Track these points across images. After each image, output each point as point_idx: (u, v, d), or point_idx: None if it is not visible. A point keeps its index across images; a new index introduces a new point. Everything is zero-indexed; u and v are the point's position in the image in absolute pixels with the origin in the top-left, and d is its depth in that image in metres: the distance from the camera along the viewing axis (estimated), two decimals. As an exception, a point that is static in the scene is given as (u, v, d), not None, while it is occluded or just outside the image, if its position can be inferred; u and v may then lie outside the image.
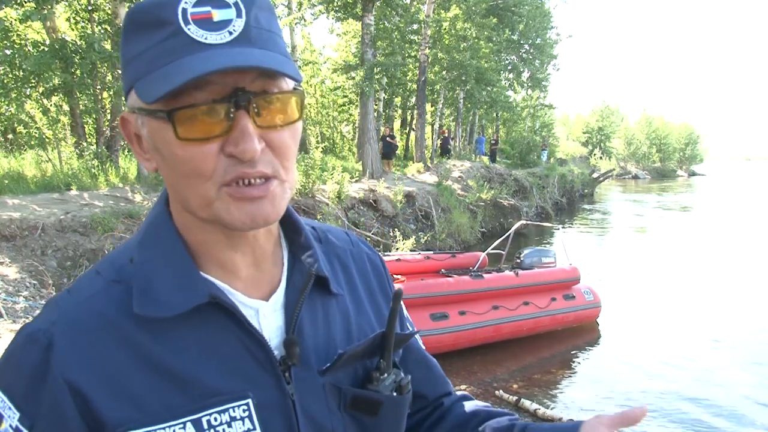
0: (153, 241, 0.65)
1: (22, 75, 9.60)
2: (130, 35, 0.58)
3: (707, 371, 6.66)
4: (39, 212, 7.12)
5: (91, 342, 0.59)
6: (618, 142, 60.39)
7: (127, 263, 0.64)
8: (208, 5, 0.56)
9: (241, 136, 0.56)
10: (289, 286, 0.69)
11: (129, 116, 0.62)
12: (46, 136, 11.10)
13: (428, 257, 8.51)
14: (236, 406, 0.61)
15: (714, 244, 15.30)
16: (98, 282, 0.63)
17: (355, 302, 0.76)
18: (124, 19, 0.59)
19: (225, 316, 0.62)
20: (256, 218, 0.59)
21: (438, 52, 18.94)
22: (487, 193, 16.33)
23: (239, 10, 0.57)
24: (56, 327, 0.59)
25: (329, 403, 0.67)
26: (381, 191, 12.56)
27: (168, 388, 0.59)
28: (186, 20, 0.55)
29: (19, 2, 8.72)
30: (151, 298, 0.61)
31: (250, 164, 0.57)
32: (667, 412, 5.69)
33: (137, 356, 0.59)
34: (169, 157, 0.58)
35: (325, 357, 0.68)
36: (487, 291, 7.09)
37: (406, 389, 0.73)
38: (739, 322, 8.32)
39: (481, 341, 6.93)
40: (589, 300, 7.99)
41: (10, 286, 5.50)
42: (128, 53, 0.59)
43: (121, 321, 0.60)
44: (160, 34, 0.56)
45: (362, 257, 0.82)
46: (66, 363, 0.57)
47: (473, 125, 29.58)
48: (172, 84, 0.53)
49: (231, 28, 0.56)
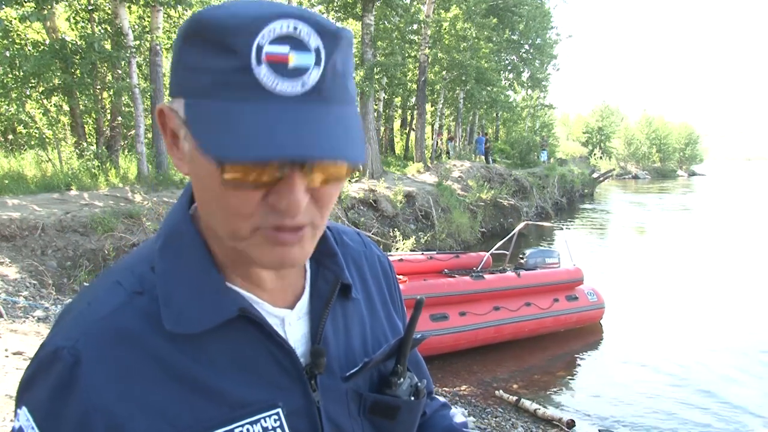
0: (176, 248, 0.62)
1: (22, 75, 9.59)
2: (193, 44, 0.52)
3: (710, 373, 6.65)
4: (39, 212, 7.11)
5: (118, 359, 0.56)
6: (618, 142, 60.36)
7: (149, 272, 0.61)
8: (287, 45, 0.50)
9: (289, 192, 0.52)
10: (313, 293, 0.69)
11: (170, 113, 0.56)
12: (46, 136, 11.09)
13: (431, 257, 8.47)
14: (267, 416, 0.61)
15: (715, 244, 15.30)
16: (120, 293, 0.60)
17: (369, 306, 0.76)
18: (191, 19, 0.52)
19: (252, 327, 0.62)
20: (285, 263, 0.57)
21: (438, 52, 18.94)
22: (487, 193, 16.32)
23: (319, 57, 0.51)
24: (81, 344, 0.56)
25: (350, 408, 0.68)
26: (381, 191, 12.56)
27: (198, 400, 0.58)
28: (259, 59, 0.49)
29: (19, 2, 8.71)
30: (178, 312, 0.59)
31: (292, 218, 0.54)
32: (669, 414, 5.69)
33: (165, 370, 0.58)
34: (208, 187, 0.54)
35: (346, 363, 0.69)
36: (488, 292, 7.07)
37: (422, 393, 0.74)
38: (741, 324, 8.31)
39: (481, 342, 6.91)
40: (593, 301, 7.95)
41: (10, 286, 5.50)
42: (186, 59, 0.53)
43: (147, 335, 0.58)
44: (225, 61, 0.49)
45: (374, 260, 0.82)
46: (94, 382, 0.55)
47: (473, 125, 29.58)
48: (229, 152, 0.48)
49: (305, 78, 0.50)
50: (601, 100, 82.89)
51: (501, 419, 5.21)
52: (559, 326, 7.70)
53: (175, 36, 0.58)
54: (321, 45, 0.51)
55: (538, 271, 7.87)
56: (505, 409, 5.51)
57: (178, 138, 0.57)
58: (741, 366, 6.86)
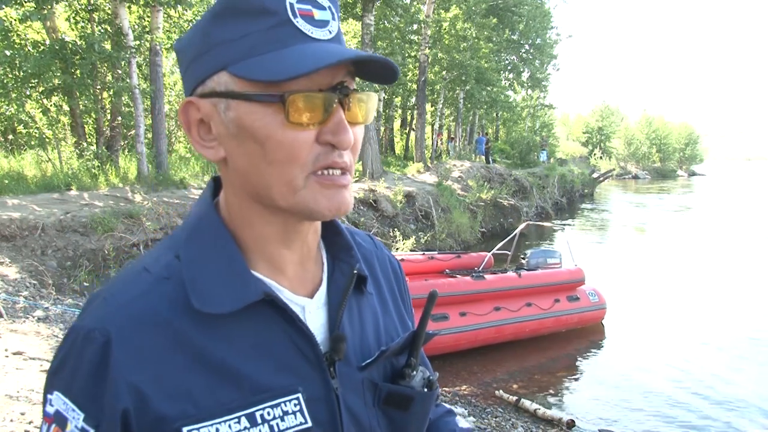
0: (201, 237, 0.66)
1: (22, 75, 9.59)
2: (227, 18, 0.60)
3: (711, 374, 6.63)
4: (39, 212, 7.11)
5: (146, 339, 0.59)
6: (618, 142, 60.37)
7: (174, 260, 0.64)
8: (309, 4, 0.60)
9: (339, 127, 0.60)
10: (330, 285, 0.72)
11: (199, 101, 0.62)
12: (46, 136, 11.09)
13: (432, 257, 8.46)
14: (288, 401, 0.63)
15: (716, 244, 15.29)
16: (147, 278, 0.63)
17: (381, 303, 0.79)
18: (217, 2, 0.61)
19: (275, 313, 0.64)
20: (341, 206, 0.63)
21: (438, 52, 18.94)
22: (487, 193, 16.32)
23: (333, 13, 0.62)
24: (111, 325, 0.59)
25: (366, 397, 0.70)
26: (381, 191, 12.56)
27: (222, 383, 0.60)
28: (294, 13, 0.59)
29: (19, 2, 8.71)
30: (204, 294, 0.61)
31: (340, 155, 0.61)
32: (669, 415, 5.69)
33: (191, 352, 0.60)
34: (265, 142, 0.59)
35: (361, 354, 0.71)
36: (488, 292, 7.05)
37: (434, 385, 0.76)
38: (742, 325, 8.29)
39: (482, 342, 6.91)
40: (594, 302, 7.93)
41: (10, 286, 5.50)
42: (222, 35, 0.60)
43: (173, 318, 0.60)
44: (266, 21, 0.58)
45: (385, 260, 0.85)
46: (124, 360, 0.58)
47: (473, 125, 29.58)
48: (314, 65, 0.56)
49: (330, 27, 0.61)
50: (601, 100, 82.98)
51: (501, 419, 5.21)
52: (560, 327, 7.69)
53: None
54: (330, 4, 0.62)
55: (539, 271, 7.86)
56: (505, 409, 5.51)
57: (207, 124, 0.63)
58: (742, 367, 6.86)
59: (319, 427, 0.64)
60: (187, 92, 0.65)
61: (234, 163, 0.62)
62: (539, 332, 7.48)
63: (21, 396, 3.24)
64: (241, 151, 0.61)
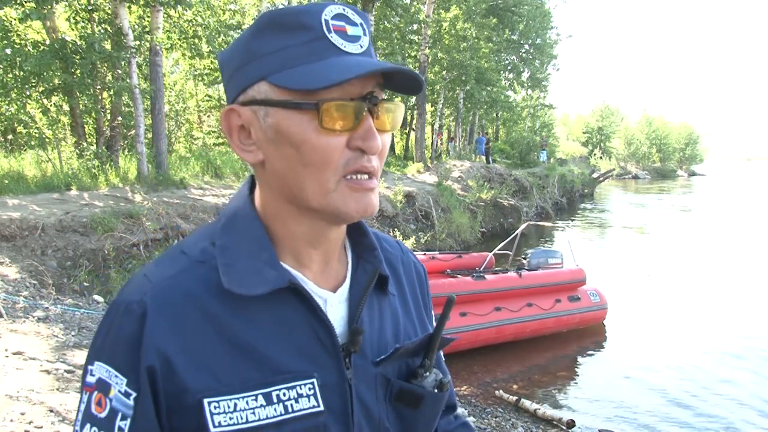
0: (235, 227, 0.71)
1: (22, 75, 9.59)
2: (268, 33, 0.65)
3: (712, 375, 6.64)
4: (39, 212, 7.11)
5: (178, 314, 0.64)
6: (618, 142, 60.38)
7: (210, 246, 0.69)
8: (343, 21, 0.66)
9: (369, 133, 0.65)
10: (353, 282, 0.76)
11: (240, 108, 0.68)
12: (46, 136, 11.09)
13: (433, 257, 8.45)
14: (303, 384, 0.67)
15: (717, 245, 15.30)
16: (184, 260, 0.68)
17: (403, 305, 0.83)
18: (262, 18, 0.66)
19: (299, 302, 0.69)
20: (368, 208, 0.67)
21: (438, 52, 18.94)
22: (487, 193, 16.32)
23: (364, 30, 0.67)
24: (148, 298, 0.64)
25: (378, 392, 0.73)
26: (381, 191, 12.56)
27: (244, 361, 0.65)
28: (329, 29, 0.64)
29: (19, 2, 8.71)
30: (234, 277, 0.66)
31: (368, 159, 0.66)
32: (670, 415, 5.68)
33: (219, 330, 0.65)
34: (300, 146, 0.64)
35: (378, 350, 0.74)
36: (489, 292, 7.04)
37: (446, 387, 0.78)
38: (744, 325, 8.29)
39: (482, 342, 6.90)
40: (595, 302, 7.91)
41: (10, 286, 5.49)
42: (263, 48, 0.65)
43: (205, 297, 0.65)
44: (303, 36, 0.64)
45: (410, 266, 0.89)
46: (157, 331, 0.63)
47: (473, 125, 29.58)
48: (345, 75, 0.61)
49: (361, 42, 0.66)
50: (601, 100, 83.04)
51: (501, 419, 5.21)
52: (561, 327, 7.68)
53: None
54: (362, 21, 0.68)
55: (540, 271, 7.84)
56: (505, 409, 5.51)
57: (247, 130, 0.68)
58: (742, 367, 6.86)
59: (331, 413, 0.68)
60: (229, 101, 0.70)
61: (271, 165, 0.68)
62: (540, 332, 7.47)
63: (21, 396, 3.24)
64: (278, 154, 0.66)
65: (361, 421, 0.70)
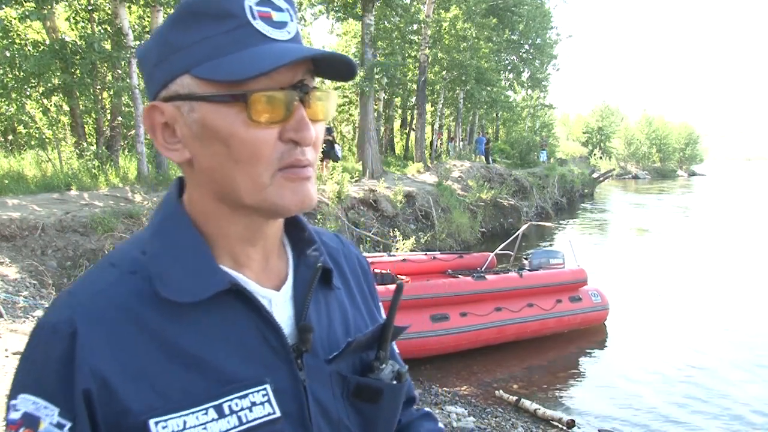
0: (166, 232, 0.67)
1: (22, 75, 9.59)
2: (188, 23, 0.61)
3: (713, 376, 6.60)
4: (39, 212, 7.11)
5: (112, 330, 0.59)
6: (618, 142, 60.37)
7: (140, 255, 0.65)
8: (268, 6, 0.62)
9: (302, 124, 0.62)
10: (296, 279, 0.73)
11: (163, 105, 0.63)
12: (46, 136, 11.08)
13: (434, 258, 8.43)
14: (256, 392, 0.63)
15: (718, 245, 15.28)
16: (113, 273, 0.63)
17: (350, 298, 0.80)
18: (181, 6, 0.62)
19: (242, 305, 0.65)
20: (305, 200, 0.64)
21: (438, 52, 18.94)
22: (487, 193, 16.32)
23: (291, 15, 0.64)
24: (77, 316, 0.59)
25: (334, 390, 0.70)
26: (381, 191, 12.56)
27: (189, 374, 0.60)
28: (253, 15, 0.60)
29: (19, 2, 8.71)
30: (170, 284, 0.62)
31: (302, 152, 0.63)
32: (670, 416, 5.68)
33: (158, 343, 0.60)
34: (229, 141, 0.60)
35: (329, 347, 0.71)
36: (489, 292, 7.02)
37: (404, 377, 0.76)
38: (745, 326, 8.26)
39: (483, 343, 6.89)
40: (597, 302, 7.87)
41: (10, 286, 5.49)
42: (183, 40, 0.61)
43: (140, 309, 0.61)
44: (227, 24, 0.60)
45: (353, 258, 0.86)
46: (90, 350, 0.57)
47: (473, 125, 29.58)
48: (274, 63, 0.58)
49: (288, 29, 0.63)
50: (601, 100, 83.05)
51: (501, 419, 5.20)
52: (563, 327, 7.66)
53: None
54: (288, 6, 0.64)
55: (540, 271, 7.81)
56: (505, 409, 5.51)
57: (171, 127, 0.64)
58: (744, 368, 6.84)
59: (288, 418, 0.65)
60: (150, 97, 0.65)
61: (199, 163, 0.63)
62: (541, 333, 7.46)
63: (21, 396, 3.23)
64: (206, 151, 0.62)
65: (320, 423, 0.67)
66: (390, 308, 0.77)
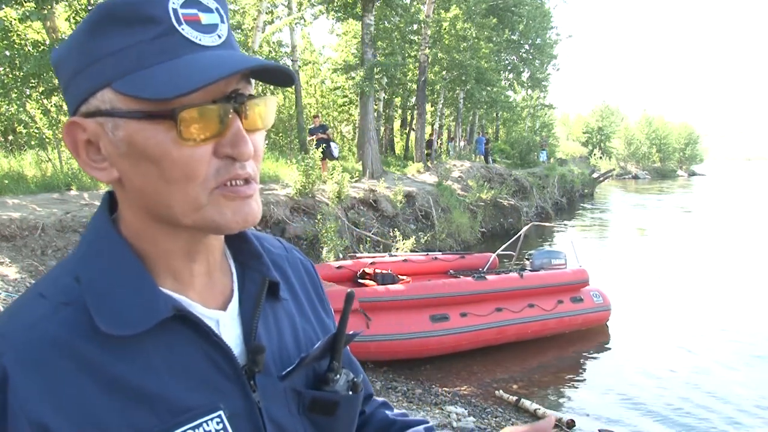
0: (100, 255, 0.61)
1: (22, 75, 9.59)
2: (106, 29, 0.55)
3: (714, 378, 6.59)
4: (39, 212, 7.11)
5: (47, 370, 0.53)
6: (618, 142, 60.39)
7: (73, 282, 0.59)
8: (195, 8, 0.57)
9: (239, 138, 0.57)
10: (242, 295, 0.69)
11: (83, 121, 0.57)
12: (46, 136, 11.09)
13: (436, 258, 8.40)
14: (209, 420, 0.59)
15: (719, 245, 15.26)
16: (44, 305, 0.57)
17: (297, 307, 0.77)
18: (98, 10, 0.56)
19: (188, 329, 0.61)
20: (248, 218, 0.60)
21: (438, 52, 18.93)
22: (487, 193, 16.32)
23: (221, 15, 0.59)
24: (6, 357, 0.53)
25: (290, 407, 0.68)
26: (381, 191, 12.56)
27: (136, 409, 0.56)
28: (179, 20, 0.55)
29: (19, 2, 8.71)
30: (111, 315, 0.57)
31: (241, 166, 0.58)
32: (670, 416, 5.67)
33: (99, 379, 0.55)
34: (160, 162, 0.55)
35: (281, 363, 0.68)
36: (490, 293, 7.00)
37: (359, 388, 0.74)
38: (748, 328, 8.22)
39: (483, 343, 6.88)
40: (598, 303, 7.83)
41: (10, 286, 5.49)
42: (101, 48, 0.55)
43: (77, 343, 0.55)
44: (150, 31, 0.54)
45: (297, 263, 0.82)
46: (25, 397, 0.52)
47: (473, 125, 29.58)
48: (204, 79, 0.53)
49: (219, 32, 0.58)
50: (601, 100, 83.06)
51: (501, 419, 5.20)
52: (564, 328, 7.65)
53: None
54: (218, 5, 0.59)
55: (541, 272, 7.78)
56: (505, 409, 5.50)
57: (95, 145, 0.58)
58: (745, 370, 6.83)
59: None
60: (70, 111, 0.60)
61: (130, 183, 0.59)
62: (542, 333, 7.45)
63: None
64: (136, 171, 0.57)
65: None
66: (341, 319, 0.75)
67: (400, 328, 6.20)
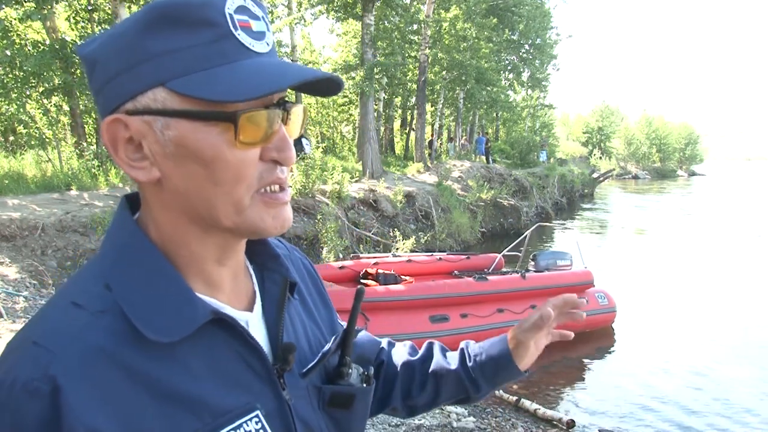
0: (132, 261, 0.60)
1: (22, 75, 9.60)
2: (162, 29, 0.55)
3: (715, 379, 6.56)
4: (39, 212, 7.11)
5: (98, 378, 0.53)
6: (618, 142, 60.40)
7: (104, 290, 0.58)
8: (246, 15, 0.58)
9: (284, 143, 0.60)
10: (265, 296, 0.71)
11: (128, 118, 0.57)
12: (46, 136, 11.10)
13: (440, 258, 8.35)
14: (248, 420, 0.61)
15: (722, 246, 15.22)
16: (81, 314, 0.56)
17: (304, 306, 0.80)
18: (152, 10, 0.55)
19: (223, 332, 0.62)
20: (285, 223, 0.62)
21: (438, 52, 18.94)
22: (487, 193, 16.32)
23: (266, 24, 0.60)
24: (55, 368, 0.52)
25: (312, 403, 0.70)
26: (381, 191, 12.56)
27: (180, 413, 0.57)
28: (234, 25, 0.56)
29: (19, 2, 8.71)
30: (152, 322, 0.57)
31: (281, 170, 0.61)
32: (671, 417, 5.67)
33: (144, 385, 0.55)
34: (211, 163, 0.56)
35: (299, 360, 0.70)
36: (491, 294, 6.96)
37: (372, 380, 0.77)
38: (752, 329, 8.19)
39: (484, 344, 6.86)
40: (604, 304, 7.71)
41: (10, 286, 5.49)
42: (154, 48, 0.55)
43: (121, 351, 0.55)
44: (207, 34, 0.55)
45: (299, 262, 0.85)
46: (80, 408, 0.51)
47: (473, 125, 29.59)
48: (271, 87, 0.54)
49: (267, 39, 0.59)
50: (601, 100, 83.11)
51: (501, 419, 5.20)
52: (567, 330, 7.61)
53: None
54: (263, 14, 0.60)
55: (544, 273, 7.69)
56: (505, 409, 5.50)
57: (136, 143, 0.58)
58: (749, 371, 6.80)
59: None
60: (107, 108, 0.58)
61: (172, 183, 0.58)
62: (544, 335, 7.41)
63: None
64: (181, 171, 0.57)
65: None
66: (351, 314, 0.78)
67: (399, 328, 6.18)
